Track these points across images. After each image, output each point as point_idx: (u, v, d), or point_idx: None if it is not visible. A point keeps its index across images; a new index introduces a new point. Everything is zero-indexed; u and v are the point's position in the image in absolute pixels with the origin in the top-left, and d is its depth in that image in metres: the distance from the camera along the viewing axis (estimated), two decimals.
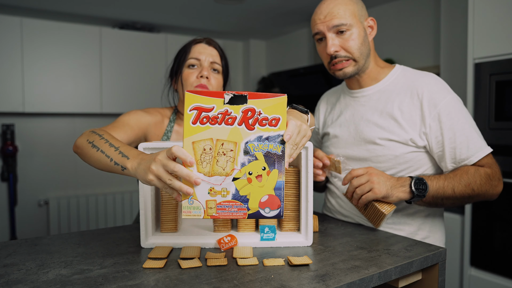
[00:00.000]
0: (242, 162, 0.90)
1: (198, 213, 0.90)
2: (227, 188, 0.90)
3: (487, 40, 2.40)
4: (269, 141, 0.91)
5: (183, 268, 0.98)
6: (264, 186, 0.91)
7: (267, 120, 0.92)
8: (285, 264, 1.01)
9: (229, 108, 0.91)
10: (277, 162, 0.91)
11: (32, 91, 3.92)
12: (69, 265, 1.00)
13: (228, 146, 0.90)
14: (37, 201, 4.28)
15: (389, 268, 0.98)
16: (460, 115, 1.35)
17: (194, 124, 0.90)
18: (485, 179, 1.29)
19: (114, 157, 1.05)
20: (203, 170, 0.90)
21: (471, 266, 2.52)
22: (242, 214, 0.91)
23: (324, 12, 1.38)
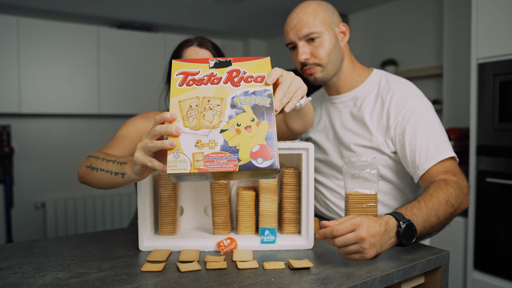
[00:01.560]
0: (229, 115, 0.90)
1: (184, 167, 0.85)
2: (215, 139, 0.88)
3: (491, 39, 2.40)
4: (256, 95, 0.92)
5: (182, 272, 0.98)
6: (254, 136, 0.88)
7: (252, 78, 0.94)
8: (286, 268, 1.01)
9: (214, 71, 0.95)
10: (266, 113, 0.90)
11: (29, 92, 3.92)
12: (66, 269, 1.00)
13: (215, 102, 0.91)
14: (33, 203, 4.28)
15: (391, 272, 0.98)
16: (425, 120, 1.34)
17: (180, 86, 0.93)
18: (458, 190, 1.21)
19: (113, 169, 1.06)
20: (189, 125, 0.89)
21: (475, 269, 2.52)
22: (233, 166, 0.86)
23: (295, 21, 1.44)
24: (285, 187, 1.21)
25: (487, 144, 2.43)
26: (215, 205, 1.21)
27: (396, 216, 1.04)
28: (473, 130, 2.49)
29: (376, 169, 1.21)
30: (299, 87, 1.00)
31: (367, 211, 1.18)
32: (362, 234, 0.96)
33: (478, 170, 2.48)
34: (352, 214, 1.18)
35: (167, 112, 0.90)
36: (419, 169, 1.31)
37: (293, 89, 0.99)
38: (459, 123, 3.16)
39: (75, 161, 4.44)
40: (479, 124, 2.47)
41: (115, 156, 1.14)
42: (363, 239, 0.96)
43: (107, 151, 1.32)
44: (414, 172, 1.33)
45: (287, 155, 1.29)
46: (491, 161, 2.41)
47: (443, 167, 1.28)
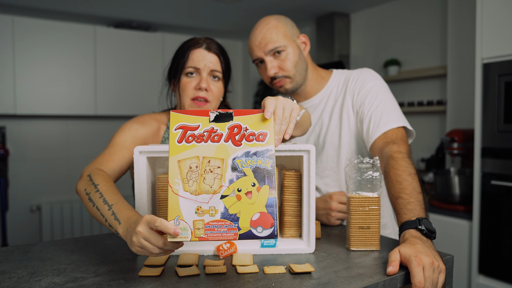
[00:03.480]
0: (230, 179, 0.89)
1: (185, 235, 0.86)
2: (215, 206, 0.88)
3: (496, 39, 2.40)
4: (258, 156, 0.91)
5: (181, 276, 0.98)
6: (254, 203, 0.88)
7: (254, 136, 0.92)
8: (287, 272, 1.01)
9: (215, 126, 0.92)
10: (267, 177, 0.90)
11: (24, 92, 3.92)
12: (62, 273, 1.00)
13: (215, 163, 0.90)
14: (29, 206, 4.28)
15: (395, 276, 0.98)
16: (380, 96, 1.52)
17: (179, 143, 0.91)
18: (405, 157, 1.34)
19: (108, 218, 1.05)
20: (190, 189, 0.88)
21: (479, 273, 2.51)
22: (233, 235, 0.87)
23: (259, 38, 1.54)
24: (285, 190, 1.21)
25: (492, 146, 2.43)
26: None
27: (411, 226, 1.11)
28: (477, 131, 2.50)
29: (379, 171, 1.21)
30: (292, 109, 1.00)
31: (369, 214, 1.19)
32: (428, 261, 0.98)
33: (483, 173, 2.48)
34: (354, 217, 1.18)
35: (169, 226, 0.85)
36: (371, 137, 1.47)
37: (288, 114, 0.99)
38: (463, 124, 3.16)
39: (71, 163, 4.45)
40: (484, 125, 2.47)
41: (113, 195, 1.11)
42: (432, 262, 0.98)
43: (105, 164, 1.30)
44: (367, 142, 1.50)
45: (287, 157, 1.29)
46: (496, 163, 2.41)
47: (386, 137, 1.43)
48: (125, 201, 1.07)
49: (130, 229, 0.93)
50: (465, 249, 2.63)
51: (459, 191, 2.75)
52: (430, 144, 3.54)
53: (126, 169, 1.37)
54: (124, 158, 1.36)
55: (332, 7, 4.07)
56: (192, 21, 4.49)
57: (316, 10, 4.16)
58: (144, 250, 0.90)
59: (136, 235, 0.89)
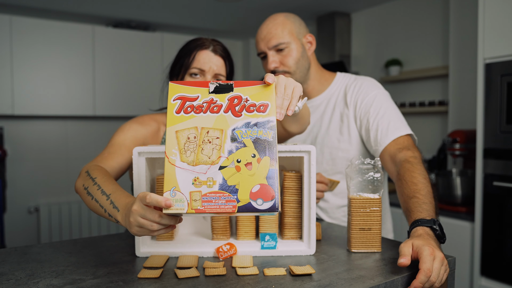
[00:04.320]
0: (229, 150, 0.87)
1: (181, 206, 0.84)
2: (213, 177, 0.85)
3: (498, 39, 2.40)
4: (258, 127, 0.89)
5: (180, 278, 0.98)
6: (255, 175, 0.86)
7: (255, 107, 0.91)
8: (287, 274, 1.01)
9: (215, 97, 0.91)
10: (268, 149, 0.87)
11: (22, 93, 3.92)
12: (60, 275, 1.00)
13: (214, 134, 0.88)
14: (27, 208, 4.28)
15: (396, 278, 0.98)
16: (384, 105, 1.54)
17: (178, 113, 0.90)
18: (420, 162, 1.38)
19: (107, 207, 1.05)
20: (187, 159, 0.87)
21: (482, 275, 2.51)
22: (231, 207, 0.84)
23: (264, 33, 1.60)
24: (286, 191, 1.22)
25: (495, 146, 2.43)
26: None
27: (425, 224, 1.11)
28: (479, 132, 2.50)
29: (380, 172, 1.21)
30: (294, 86, 1.00)
31: (370, 216, 1.19)
32: (441, 256, 0.99)
33: (485, 174, 2.48)
34: (355, 218, 1.18)
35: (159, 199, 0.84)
36: (380, 145, 1.48)
37: (290, 91, 0.98)
38: (465, 125, 3.16)
39: (70, 164, 4.45)
40: (486, 126, 2.47)
41: (110, 185, 1.11)
42: (443, 258, 0.99)
43: (104, 162, 1.30)
44: (375, 149, 1.51)
45: (288, 158, 1.30)
46: (498, 164, 2.41)
47: (397, 144, 1.45)
48: (123, 190, 1.08)
49: (128, 212, 0.93)
50: (467, 250, 2.63)
51: (461, 192, 2.75)
52: (431, 145, 3.54)
53: (126, 168, 1.37)
54: (123, 157, 1.36)
55: (333, 7, 4.08)
56: (191, 20, 4.49)
57: (317, 9, 4.16)
58: (143, 229, 0.90)
59: (132, 214, 0.89)
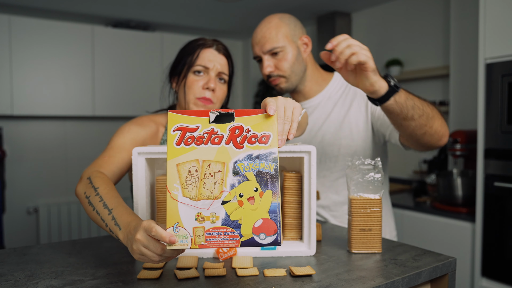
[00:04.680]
0: (231, 184, 0.86)
1: (184, 242, 0.84)
2: (216, 212, 0.85)
3: (499, 39, 2.40)
4: (260, 160, 0.88)
5: (180, 279, 0.98)
6: (257, 209, 0.86)
7: (256, 138, 0.89)
8: (287, 275, 1.01)
9: (215, 127, 0.89)
10: (270, 182, 0.87)
11: (21, 93, 3.93)
12: (59, 276, 1.00)
13: (216, 167, 0.87)
14: (26, 208, 4.28)
15: (396, 279, 0.98)
16: None
17: (178, 145, 0.88)
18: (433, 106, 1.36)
19: (108, 223, 1.04)
20: (189, 194, 0.85)
21: (483, 276, 2.51)
22: (235, 242, 0.84)
23: (259, 36, 1.59)
24: (286, 192, 1.22)
25: (495, 147, 2.43)
26: None
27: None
28: (480, 132, 2.50)
29: (381, 173, 1.21)
30: (293, 108, 0.99)
31: (371, 216, 1.19)
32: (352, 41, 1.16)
33: (486, 174, 2.48)
34: (356, 219, 1.18)
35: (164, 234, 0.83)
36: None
37: (289, 113, 0.97)
38: (466, 125, 3.16)
39: (69, 165, 4.45)
40: (487, 126, 2.47)
41: (113, 199, 1.10)
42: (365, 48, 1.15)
43: (105, 166, 1.29)
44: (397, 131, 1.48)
45: (288, 159, 1.30)
46: (499, 165, 2.41)
47: None
48: (125, 205, 1.07)
49: (130, 235, 0.92)
50: (468, 251, 2.63)
51: (461, 193, 2.75)
52: None
53: (126, 171, 1.37)
54: (123, 160, 1.35)
55: (333, 6, 4.08)
56: (191, 20, 4.49)
57: (317, 9, 4.16)
58: (144, 257, 0.89)
59: (136, 242, 0.88)
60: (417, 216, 2.95)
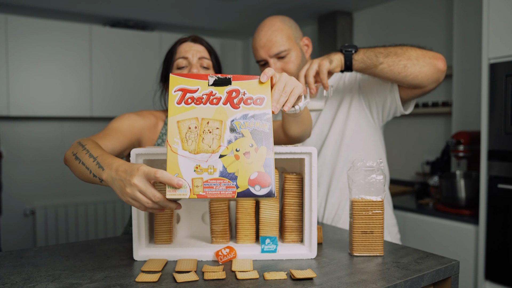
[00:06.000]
0: (228, 139, 0.94)
1: (184, 192, 0.90)
2: (214, 165, 0.92)
3: (503, 38, 2.40)
4: (255, 119, 0.95)
5: (179, 282, 0.98)
6: (252, 163, 0.93)
7: (252, 100, 0.97)
8: (288, 278, 1.01)
9: (214, 89, 0.97)
10: (265, 139, 0.94)
11: (18, 93, 3.93)
12: (57, 279, 1.00)
13: (214, 125, 0.94)
14: (22, 210, 4.28)
15: (398, 282, 0.98)
16: None
17: (178, 104, 0.95)
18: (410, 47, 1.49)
19: (92, 168, 1.06)
20: (189, 148, 0.93)
21: (486, 279, 2.51)
22: (231, 193, 0.91)
23: (264, 40, 1.62)
24: (286, 194, 1.22)
25: (499, 148, 2.43)
26: (213, 213, 1.21)
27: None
28: (484, 133, 2.50)
29: (383, 175, 1.22)
30: (294, 86, 1.03)
31: (373, 219, 1.19)
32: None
33: (489, 176, 2.48)
34: (357, 221, 1.19)
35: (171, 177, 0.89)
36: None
37: (289, 89, 1.01)
38: (469, 126, 3.17)
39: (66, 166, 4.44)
40: (491, 127, 2.47)
41: (99, 150, 1.12)
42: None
43: (98, 140, 1.32)
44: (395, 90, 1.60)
45: (288, 160, 1.30)
46: (503, 166, 2.41)
47: None
48: (112, 155, 1.09)
49: (120, 177, 0.96)
50: (471, 254, 2.63)
51: (465, 195, 2.75)
52: (435, 147, 3.54)
53: (117, 152, 1.39)
54: (118, 140, 1.38)
55: (334, 6, 4.08)
56: (190, 20, 4.49)
57: (318, 8, 4.16)
58: (137, 202, 0.93)
59: (132, 187, 0.92)
60: (419, 218, 2.95)
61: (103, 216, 4.48)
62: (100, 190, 4.56)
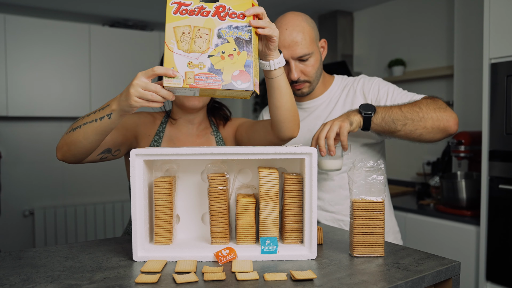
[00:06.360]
0: (216, 44, 1.13)
1: (178, 82, 1.10)
2: (203, 62, 1.11)
3: (504, 38, 2.40)
4: (238, 29, 1.15)
5: (178, 283, 0.98)
6: (235, 63, 1.12)
7: (235, 14, 1.15)
8: (288, 279, 1.01)
9: (204, 4, 1.14)
10: (246, 45, 1.14)
11: (16, 93, 3.93)
12: (56, 280, 1.00)
13: (204, 31, 1.13)
14: (21, 211, 4.28)
15: (399, 283, 0.98)
16: (390, 86, 1.68)
17: (175, 14, 1.13)
18: (431, 102, 1.52)
19: (97, 116, 1.23)
20: (183, 48, 1.12)
21: (487, 280, 2.51)
22: (217, 84, 1.10)
23: (288, 40, 1.60)
24: (287, 194, 1.22)
25: (500, 148, 2.43)
26: (213, 213, 1.21)
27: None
28: (485, 134, 2.50)
29: (383, 175, 1.22)
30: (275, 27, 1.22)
31: (373, 219, 1.19)
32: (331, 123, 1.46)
33: (490, 176, 2.48)
34: (358, 222, 1.18)
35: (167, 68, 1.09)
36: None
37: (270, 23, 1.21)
38: (470, 126, 3.17)
39: (65, 167, 4.44)
40: (492, 127, 2.47)
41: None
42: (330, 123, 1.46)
43: None
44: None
45: (289, 160, 1.30)
46: (504, 167, 2.41)
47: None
48: None
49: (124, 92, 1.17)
50: (472, 255, 2.63)
51: (466, 196, 2.75)
52: (436, 147, 3.54)
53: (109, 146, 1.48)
54: (111, 135, 1.48)
55: (335, 5, 4.08)
56: None
57: (319, 8, 4.16)
58: (142, 99, 1.14)
59: (134, 86, 1.13)
60: (420, 219, 2.95)
61: (102, 216, 4.47)
62: (100, 190, 4.56)
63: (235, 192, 1.28)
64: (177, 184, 1.29)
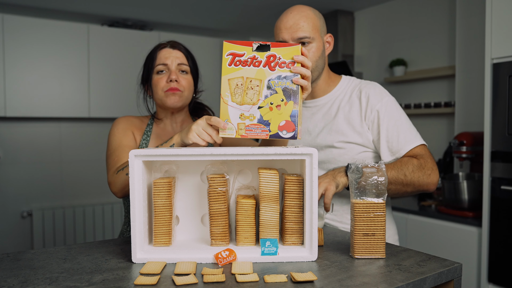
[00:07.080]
0: (265, 95, 1.24)
1: (231, 133, 1.24)
2: (253, 114, 1.23)
3: (506, 38, 2.41)
4: (287, 79, 1.24)
5: (178, 285, 0.98)
6: (282, 113, 1.23)
7: (285, 64, 1.25)
8: (288, 281, 1.01)
9: (256, 54, 1.25)
10: (293, 95, 1.24)
11: (14, 94, 3.93)
12: (54, 282, 1.00)
13: (255, 83, 1.24)
14: (19, 212, 4.28)
15: (400, 285, 0.98)
16: (394, 113, 1.63)
17: (229, 66, 1.25)
18: (417, 167, 1.53)
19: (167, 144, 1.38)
20: (236, 100, 1.24)
21: (489, 282, 2.51)
22: (265, 135, 1.23)
23: (290, 22, 1.60)
24: (287, 195, 1.22)
25: (502, 149, 2.43)
26: (213, 215, 1.21)
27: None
28: (487, 134, 2.50)
29: (384, 176, 1.22)
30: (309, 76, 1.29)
31: (374, 221, 1.19)
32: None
33: (492, 177, 2.48)
34: (359, 223, 1.19)
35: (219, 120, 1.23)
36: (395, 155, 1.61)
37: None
38: (472, 127, 3.17)
39: (64, 168, 4.45)
40: (494, 128, 2.47)
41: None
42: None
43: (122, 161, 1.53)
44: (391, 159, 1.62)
45: (289, 161, 1.30)
46: (506, 168, 2.41)
47: (413, 154, 1.59)
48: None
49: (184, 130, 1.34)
50: (474, 257, 2.63)
51: (467, 197, 2.75)
52: (437, 148, 3.54)
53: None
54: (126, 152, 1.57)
55: (335, 5, 4.09)
56: (189, 19, 4.50)
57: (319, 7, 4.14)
58: (199, 137, 1.28)
59: (197, 124, 1.28)
60: (422, 220, 2.95)
61: (101, 218, 4.47)
62: (99, 192, 4.55)
63: (235, 193, 1.28)
64: (177, 185, 1.29)
